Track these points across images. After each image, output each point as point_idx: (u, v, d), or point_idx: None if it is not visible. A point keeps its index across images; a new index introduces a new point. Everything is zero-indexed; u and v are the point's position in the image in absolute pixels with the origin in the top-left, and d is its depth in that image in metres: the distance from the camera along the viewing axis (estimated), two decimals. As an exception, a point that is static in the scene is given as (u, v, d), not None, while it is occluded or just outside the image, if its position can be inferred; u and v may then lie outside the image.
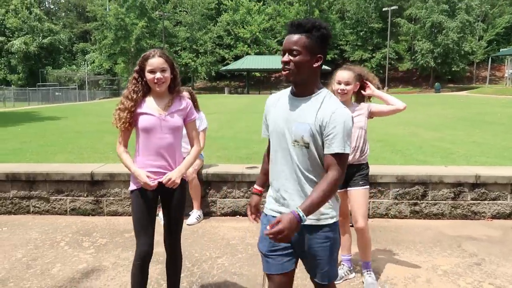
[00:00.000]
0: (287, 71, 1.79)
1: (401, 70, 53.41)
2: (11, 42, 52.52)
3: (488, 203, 4.59)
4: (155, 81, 2.43)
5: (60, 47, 58.32)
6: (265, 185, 2.13)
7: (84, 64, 56.43)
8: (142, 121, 2.48)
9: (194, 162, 2.66)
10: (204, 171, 4.69)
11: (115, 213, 4.72)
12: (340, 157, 1.76)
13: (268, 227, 1.71)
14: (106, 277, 3.22)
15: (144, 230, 2.47)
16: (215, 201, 4.73)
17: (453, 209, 4.61)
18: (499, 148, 7.48)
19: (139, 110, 2.49)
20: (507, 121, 12.67)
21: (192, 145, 2.66)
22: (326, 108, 1.79)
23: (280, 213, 1.86)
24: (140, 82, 2.51)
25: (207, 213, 4.72)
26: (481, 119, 13.40)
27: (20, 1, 54.25)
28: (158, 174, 2.49)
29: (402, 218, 4.64)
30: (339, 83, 2.94)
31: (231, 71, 50.62)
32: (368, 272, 3.06)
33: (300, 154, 1.82)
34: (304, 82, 1.82)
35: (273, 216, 1.91)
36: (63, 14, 71.61)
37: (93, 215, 4.74)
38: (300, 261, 1.98)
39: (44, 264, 3.46)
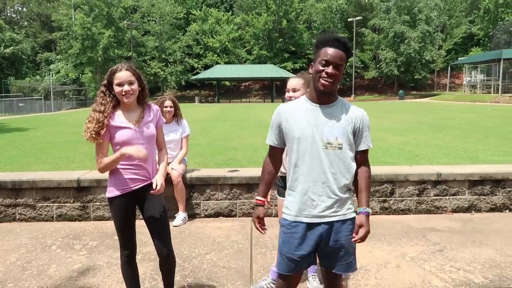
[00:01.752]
0: (329, 82, 1.98)
1: (367, 78, 55.11)
2: (-29, 52, 50.74)
3: (448, 198, 5.06)
4: (123, 93, 2.52)
5: (23, 56, 56.71)
6: (267, 195, 2.27)
7: (49, 74, 55.12)
8: (119, 135, 2.56)
9: (167, 165, 2.77)
10: (188, 175, 4.93)
11: (101, 218, 4.88)
12: (368, 152, 2.14)
13: (354, 235, 2.06)
14: (102, 274, 3.41)
15: (125, 237, 2.65)
16: (199, 203, 4.97)
17: (418, 204, 5.05)
18: (459, 150, 8.04)
19: (113, 124, 2.55)
20: (466, 125, 13.47)
21: (160, 149, 2.78)
22: (353, 112, 2.07)
23: (310, 216, 2.03)
24: (107, 95, 2.57)
25: (191, 215, 4.95)
26: (442, 124, 14.17)
27: (-21, 10, 52.60)
28: (137, 181, 2.61)
29: (373, 214, 5.03)
30: (288, 90, 3.01)
31: (201, 80, 50.77)
32: (313, 276, 3.14)
33: (331, 155, 2.00)
34: (334, 92, 2.06)
35: (297, 222, 2.05)
36: (26, 23, 69.75)
37: (80, 220, 4.88)
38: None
39: (39, 266, 3.61)
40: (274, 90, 48.94)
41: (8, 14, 70.75)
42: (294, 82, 2.99)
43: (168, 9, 54.89)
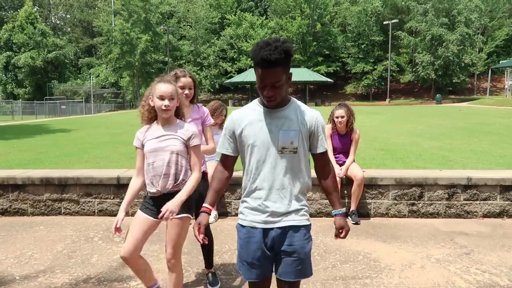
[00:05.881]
0: (272, 101, 1.91)
1: (403, 82, 54.06)
2: (18, 57, 53.58)
3: (479, 203, 5.03)
4: (183, 95, 3.03)
5: (66, 61, 59.36)
6: (214, 204, 2.15)
7: (90, 78, 57.39)
8: None
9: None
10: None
11: (139, 214, 5.17)
12: (327, 154, 2.10)
13: (335, 237, 2.09)
14: (140, 265, 3.67)
15: None
16: (230, 203, 5.19)
17: (447, 208, 5.05)
18: (495, 156, 7.88)
19: None
20: (505, 131, 13.08)
21: (207, 143, 3.29)
22: (306, 113, 2.01)
23: (264, 222, 1.98)
24: None
25: (223, 213, 5.17)
26: (479, 129, 13.81)
27: (25, 17, 55.39)
28: None
29: (401, 217, 5.08)
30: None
31: (235, 83, 51.37)
32: None
33: (287, 160, 1.96)
34: (284, 98, 1.99)
35: (252, 227, 2.00)
36: (69, 29, 72.96)
37: (119, 215, 5.20)
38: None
39: (83, 255, 3.92)
40: (307, 93, 48.84)
41: (53, 21, 74.22)
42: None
43: (203, 14, 56.02)
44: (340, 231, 2.07)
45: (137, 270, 2.75)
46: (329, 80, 49.01)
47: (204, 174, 3.16)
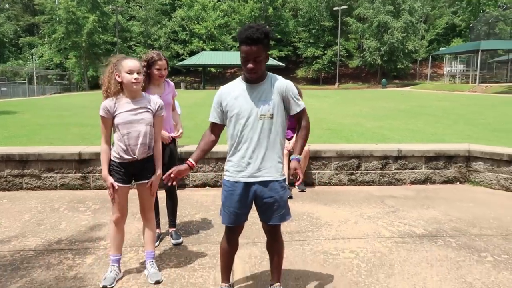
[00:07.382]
0: (253, 73, 2.35)
1: (351, 67, 55.85)
2: (-49, 34, 49.76)
3: (407, 172, 5.78)
4: (160, 75, 3.49)
5: (5, 40, 55.80)
6: (198, 161, 2.53)
7: (32, 58, 54.41)
8: None
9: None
10: (178, 149, 5.51)
11: (101, 187, 5.45)
12: (305, 111, 2.50)
13: (292, 177, 2.46)
14: (107, 229, 4.01)
15: None
16: (188, 175, 5.59)
17: (381, 177, 5.76)
18: (428, 134, 8.77)
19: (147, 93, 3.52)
20: (440, 112, 14.28)
21: (173, 110, 3.80)
22: (279, 84, 2.43)
23: (246, 176, 2.42)
24: (146, 73, 3.42)
25: (181, 185, 5.57)
26: (418, 111, 14.95)
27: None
28: None
29: (342, 185, 5.73)
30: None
31: (187, 66, 50.78)
32: (151, 262, 3.09)
33: (265, 124, 2.39)
34: (262, 73, 2.43)
35: (236, 182, 2.43)
36: (7, 5, 68.29)
37: (81, 189, 5.46)
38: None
39: (51, 223, 4.20)
40: (259, 77, 49.19)
41: (-11, -4, 69.10)
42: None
43: (154, -6, 54.50)
44: (295, 170, 2.44)
45: (117, 236, 3.09)
46: (280, 64, 49.68)
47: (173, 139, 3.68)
